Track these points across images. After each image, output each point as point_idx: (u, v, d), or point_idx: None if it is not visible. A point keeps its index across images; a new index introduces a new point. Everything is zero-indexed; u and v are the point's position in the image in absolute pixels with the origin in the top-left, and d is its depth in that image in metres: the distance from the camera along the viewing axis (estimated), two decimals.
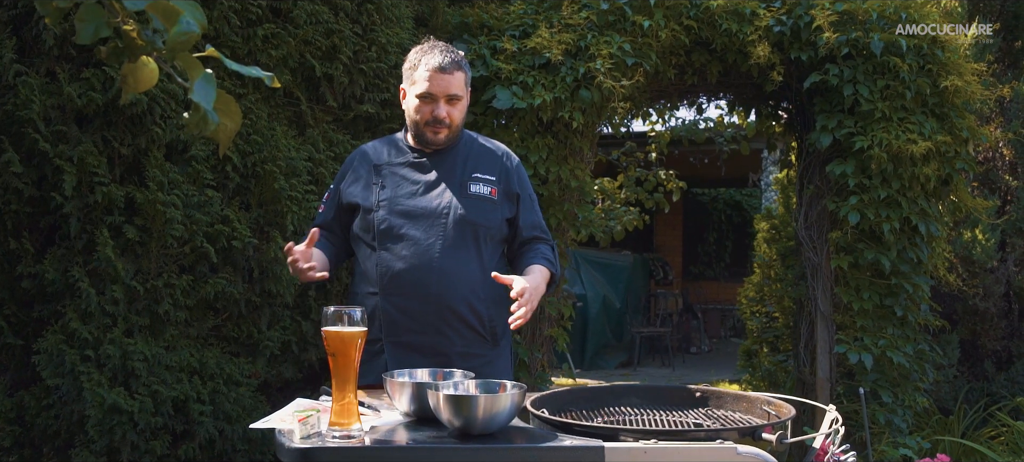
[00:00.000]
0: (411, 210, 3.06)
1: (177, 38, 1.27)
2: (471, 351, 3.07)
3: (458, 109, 3.08)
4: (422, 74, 3.02)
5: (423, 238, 3.03)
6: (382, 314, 3.03)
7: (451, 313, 3.04)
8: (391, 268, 3.03)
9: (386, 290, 3.04)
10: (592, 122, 5.21)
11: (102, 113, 3.92)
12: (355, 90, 4.74)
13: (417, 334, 3.02)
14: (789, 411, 2.48)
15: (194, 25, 1.28)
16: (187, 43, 1.28)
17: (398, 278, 3.02)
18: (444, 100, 3.03)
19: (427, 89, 3.02)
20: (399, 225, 3.04)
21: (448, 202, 3.07)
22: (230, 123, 1.42)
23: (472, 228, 3.08)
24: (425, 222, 3.05)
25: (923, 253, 5.18)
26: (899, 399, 5.14)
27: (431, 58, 3.02)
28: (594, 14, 5.08)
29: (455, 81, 3.03)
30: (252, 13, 4.27)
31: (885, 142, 4.95)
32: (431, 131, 3.07)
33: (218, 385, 4.20)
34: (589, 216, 5.28)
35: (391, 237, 3.04)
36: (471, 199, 3.10)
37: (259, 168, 4.30)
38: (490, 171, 3.17)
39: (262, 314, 4.43)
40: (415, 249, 3.02)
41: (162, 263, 4.07)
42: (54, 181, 3.86)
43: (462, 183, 3.11)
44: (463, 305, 3.06)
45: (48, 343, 3.89)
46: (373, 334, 2.98)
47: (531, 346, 5.19)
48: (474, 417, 2.19)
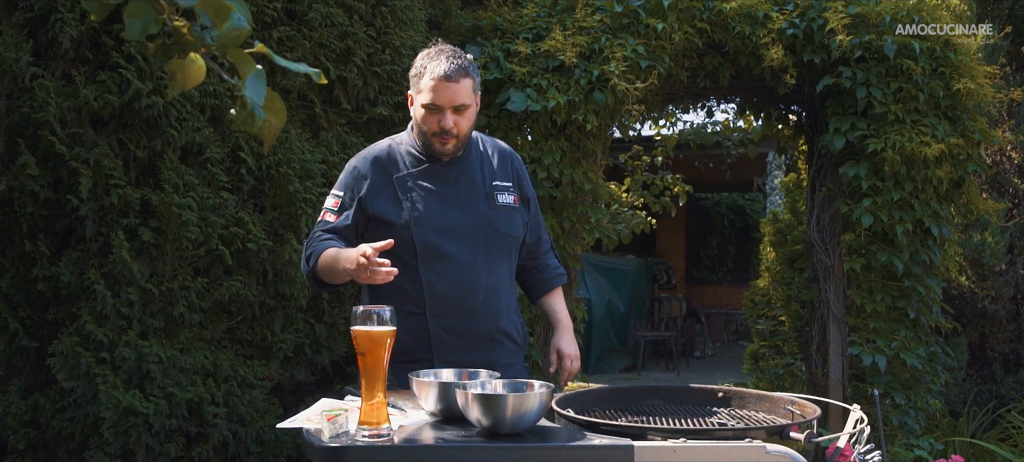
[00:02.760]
0: (447, 227, 2.96)
1: (229, 34, 1.27)
2: (510, 361, 3.09)
3: (466, 118, 2.94)
4: (427, 83, 2.88)
5: (465, 256, 2.96)
6: (432, 336, 2.96)
7: (497, 330, 3.05)
8: (436, 289, 2.95)
9: (434, 311, 2.95)
10: (605, 124, 5.22)
11: (118, 116, 3.93)
12: (369, 93, 4.75)
13: (467, 353, 2.96)
14: (814, 410, 2.48)
15: (244, 21, 1.29)
16: (238, 39, 1.28)
17: (444, 299, 2.95)
18: (450, 110, 2.89)
19: (432, 99, 2.89)
20: (439, 242, 2.94)
21: (483, 217, 3.02)
22: (275, 120, 1.42)
23: (506, 241, 3.08)
24: (464, 239, 2.98)
25: (935, 255, 5.18)
26: (911, 401, 5.14)
27: (436, 66, 2.88)
28: (608, 17, 5.09)
29: (462, 89, 2.89)
30: (267, 16, 4.27)
31: (898, 144, 4.95)
32: (438, 142, 2.95)
33: (232, 387, 4.21)
34: (602, 218, 5.29)
35: (433, 256, 2.94)
36: (501, 210, 3.06)
37: (273, 171, 4.31)
38: (506, 177, 3.13)
39: (276, 316, 4.44)
40: (458, 269, 2.96)
41: (177, 265, 4.08)
42: (70, 183, 3.87)
43: (488, 194, 3.05)
44: (506, 320, 3.08)
45: (63, 345, 3.89)
46: (420, 354, 2.95)
47: (544, 349, 5.19)
48: (503, 416, 2.18)
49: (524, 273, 3.29)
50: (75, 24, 3.78)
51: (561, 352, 3.25)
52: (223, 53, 1.29)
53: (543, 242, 3.31)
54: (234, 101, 4.17)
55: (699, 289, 16.46)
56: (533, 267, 3.29)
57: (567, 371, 3.25)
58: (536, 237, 3.26)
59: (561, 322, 3.29)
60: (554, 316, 3.30)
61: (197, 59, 1.36)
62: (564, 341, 3.26)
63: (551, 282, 3.30)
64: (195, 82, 1.38)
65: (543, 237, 3.31)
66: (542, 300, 3.31)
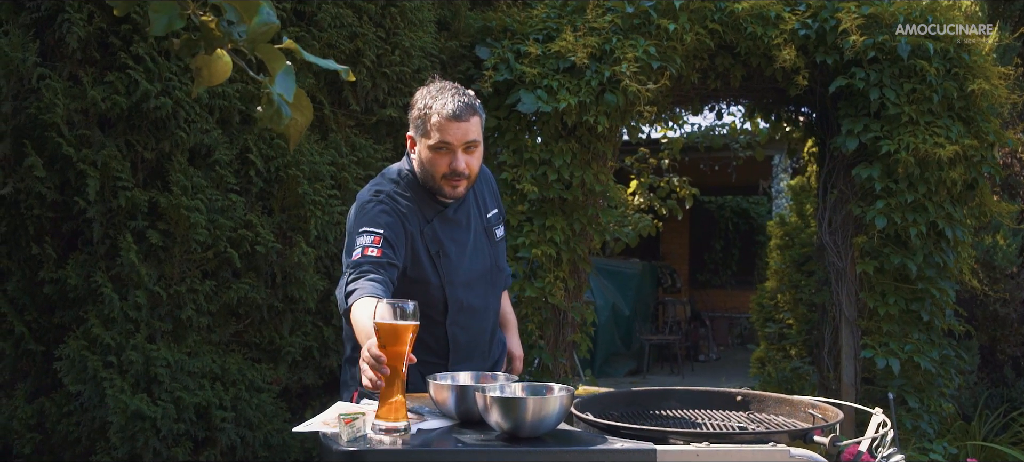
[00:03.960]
0: (469, 279, 2.91)
1: (258, 29, 1.24)
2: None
3: (475, 157, 2.79)
4: (435, 123, 2.71)
5: (481, 306, 2.96)
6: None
7: (496, 364, 3.11)
8: (459, 341, 2.92)
9: (455, 360, 2.91)
10: (616, 126, 5.18)
11: (125, 117, 3.90)
12: (378, 94, 4.72)
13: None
14: (837, 414, 2.44)
15: (274, 16, 1.25)
16: (268, 34, 1.25)
17: (466, 348, 2.94)
18: (462, 149, 2.74)
19: (441, 139, 2.71)
20: (464, 297, 2.89)
21: (489, 257, 2.99)
22: (301, 118, 1.39)
23: (502, 275, 3.09)
24: (480, 287, 2.96)
25: (949, 258, 5.14)
26: (925, 404, 5.10)
27: (442, 104, 2.71)
28: (619, 17, 5.06)
29: (472, 127, 2.74)
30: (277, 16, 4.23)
31: (912, 146, 4.91)
32: (449, 185, 2.78)
33: (240, 391, 4.18)
34: (613, 219, 5.25)
35: (459, 310, 2.89)
36: (499, 246, 3.06)
37: (282, 173, 4.28)
38: (493, 202, 3.09)
39: (284, 320, 4.41)
40: (478, 318, 2.96)
41: (185, 268, 4.05)
42: (77, 186, 3.84)
43: (487, 229, 3.02)
44: (499, 347, 3.16)
45: (70, 349, 3.86)
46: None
47: (554, 351, 5.15)
48: (523, 419, 2.15)
49: None
50: (83, 24, 3.75)
51: (511, 354, 3.27)
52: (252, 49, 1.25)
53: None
54: (243, 102, 4.16)
55: (703, 293, 16.42)
56: None
57: (516, 371, 3.25)
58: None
59: (510, 323, 3.30)
60: (504, 317, 3.26)
61: (223, 55, 1.33)
62: (513, 342, 3.29)
63: (505, 283, 3.19)
64: (222, 78, 1.34)
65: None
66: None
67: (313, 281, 4.37)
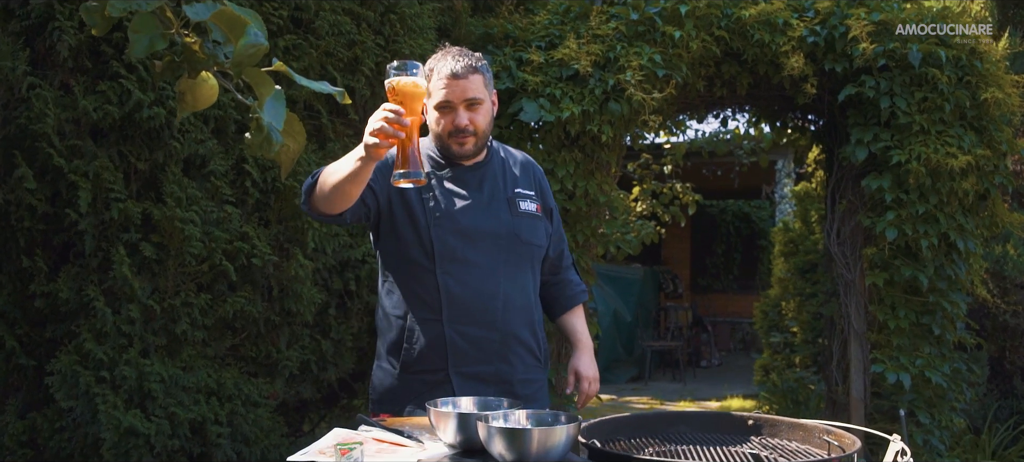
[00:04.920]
0: (469, 231, 2.87)
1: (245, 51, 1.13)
2: (529, 376, 2.98)
3: (481, 114, 2.85)
4: (437, 83, 2.81)
5: (485, 262, 2.87)
6: (449, 344, 2.85)
7: (516, 341, 2.92)
8: (454, 294, 2.84)
9: (451, 318, 2.84)
10: (620, 135, 5.08)
11: (118, 127, 3.82)
12: (377, 102, 4.59)
13: (483, 364, 2.87)
14: (854, 442, 2.34)
15: (262, 37, 1.15)
16: (255, 56, 1.15)
17: (463, 305, 2.84)
18: (463, 106, 2.81)
19: (444, 98, 2.81)
20: (458, 247, 2.85)
21: (505, 223, 2.92)
22: (293, 144, 1.28)
23: (528, 249, 2.97)
24: (485, 244, 2.88)
25: (961, 270, 5.04)
26: (936, 420, 5.00)
27: (444, 65, 2.82)
28: (623, 24, 4.96)
29: (472, 85, 2.81)
30: (273, 24, 4.16)
31: (924, 156, 4.81)
32: (456, 142, 2.85)
33: (236, 406, 4.11)
34: (616, 231, 5.15)
35: (452, 260, 2.84)
36: (523, 218, 2.96)
37: (279, 183, 4.20)
38: (529, 185, 3.05)
39: (281, 333, 4.34)
40: (478, 274, 2.85)
41: (179, 281, 3.97)
42: (69, 197, 3.76)
43: (510, 200, 2.96)
44: (526, 331, 2.96)
45: (62, 364, 3.78)
46: (436, 364, 2.85)
47: (557, 365, 5.05)
48: (528, 451, 2.05)
49: (545, 288, 3.19)
50: (74, 33, 3.67)
51: (579, 373, 3.15)
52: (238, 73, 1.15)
53: (565, 257, 3.22)
54: (239, 112, 4.07)
55: (705, 297, 16.38)
56: (555, 283, 3.21)
57: (585, 393, 3.15)
58: (558, 251, 3.17)
59: (581, 341, 3.20)
60: (574, 335, 3.21)
61: (209, 78, 1.23)
62: (583, 361, 3.16)
63: (573, 299, 3.21)
64: (207, 103, 1.24)
65: (565, 252, 3.22)
66: (562, 318, 3.23)
67: (310, 294, 4.29)
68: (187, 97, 1.22)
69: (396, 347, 2.90)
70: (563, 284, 3.21)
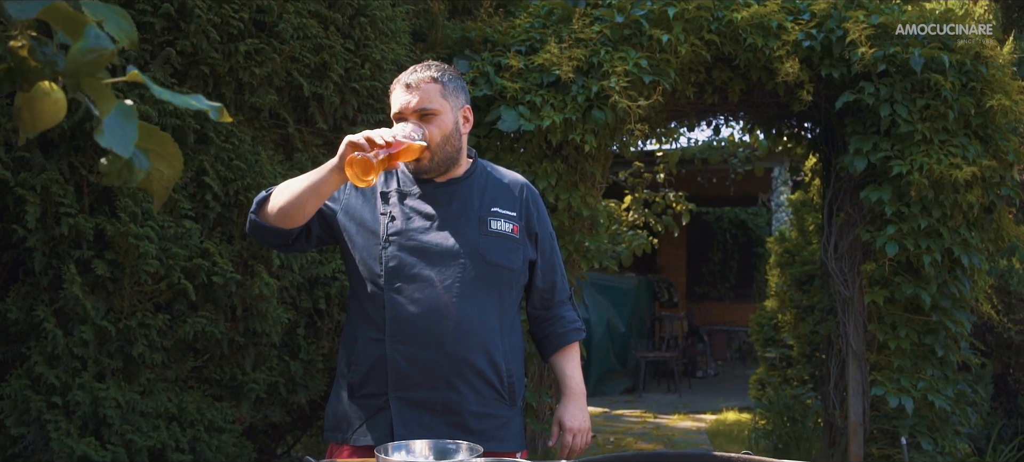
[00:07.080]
0: (425, 247, 2.66)
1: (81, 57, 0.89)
2: (487, 411, 2.71)
3: (436, 126, 2.67)
4: (392, 95, 2.73)
5: (439, 280, 2.64)
6: (390, 364, 2.64)
7: (468, 367, 2.66)
8: (401, 312, 2.63)
9: (394, 337, 2.63)
10: (605, 145, 4.84)
11: (68, 138, 3.64)
12: (347, 111, 4.44)
13: (428, 390, 2.63)
14: None
15: (105, 39, 0.90)
16: (95, 64, 0.90)
17: (409, 324, 2.63)
18: (415, 118, 2.65)
19: (397, 108, 2.69)
20: (411, 263, 2.65)
21: (470, 241, 2.69)
22: (167, 169, 1.04)
23: (494, 270, 2.71)
24: (441, 262, 2.66)
25: (965, 287, 4.80)
26: (939, 445, 4.74)
27: (402, 75, 2.73)
28: (608, 28, 4.71)
29: (424, 95, 2.66)
30: (233, 27, 3.93)
31: (926, 167, 4.58)
32: None
33: (199, 432, 3.96)
34: (601, 246, 4.90)
35: (402, 277, 2.64)
36: (491, 237, 2.72)
37: (242, 196, 4.02)
38: (509, 205, 2.80)
39: (247, 355, 4.19)
40: (430, 292, 2.63)
41: (136, 301, 3.80)
42: (16, 212, 3.59)
43: (481, 218, 2.74)
44: (482, 358, 2.69)
45: (11, 388, 3.64)
46: (376, 387, 2.65)
47: (539, 389, 4.81)
48: None
49: (536, 324, 2.96)
50: None
51: (563, 424, 2.89)
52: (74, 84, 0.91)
53: (559, 290, 2.94)
54: (198, 120, 3.86)
55: (701, 305, 16.23)
56: (546, 318, 2.94)
57: (567, 446, 2.88)
58: (550, 282, 2.90)
59: (569, 387, 2.93)
60: (562, 380, 2.95)
61: (53, 91, 0.98)
62: (568, 411, 2.90)
63: (565, 337, 2.94)
64: (51, 121, 1.00)
65: (559, 284, 2.94)
66: (553, 358, 2.97)
67: (277, 313, 4.10)
68: (24, 114, 0.97)
69: (346, 369, 2.75)
70: (555, 320, 2.94)
